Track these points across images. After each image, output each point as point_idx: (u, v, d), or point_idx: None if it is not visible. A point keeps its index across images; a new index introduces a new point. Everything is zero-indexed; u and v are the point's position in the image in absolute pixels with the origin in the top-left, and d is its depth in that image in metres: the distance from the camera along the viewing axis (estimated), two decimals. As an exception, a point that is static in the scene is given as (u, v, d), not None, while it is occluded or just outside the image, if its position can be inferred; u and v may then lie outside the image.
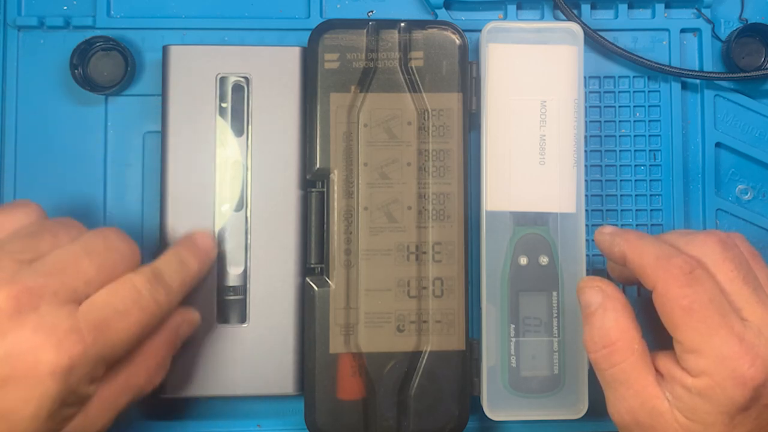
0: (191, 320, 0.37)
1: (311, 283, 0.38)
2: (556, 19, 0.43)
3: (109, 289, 0.32)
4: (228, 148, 0.39)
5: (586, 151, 0.41)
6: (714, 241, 0.33)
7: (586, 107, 0.41)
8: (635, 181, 0.42)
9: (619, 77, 0.43)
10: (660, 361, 0.33)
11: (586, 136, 0.41)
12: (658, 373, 0.33)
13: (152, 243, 0.40)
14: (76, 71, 0.40)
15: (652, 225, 0.42)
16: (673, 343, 0.32)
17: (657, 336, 0.34)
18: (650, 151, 0.42)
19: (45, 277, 0.30)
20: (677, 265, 0.32)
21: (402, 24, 0.39)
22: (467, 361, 0.39)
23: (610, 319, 0.33)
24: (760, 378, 0.30)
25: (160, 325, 0.35)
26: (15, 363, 0.29)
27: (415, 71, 0.39)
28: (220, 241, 0.39)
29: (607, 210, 0.42)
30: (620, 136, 0.42)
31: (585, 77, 0.41)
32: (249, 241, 0.39)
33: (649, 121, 0.42)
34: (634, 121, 0.42)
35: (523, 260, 0.39)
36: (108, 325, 0.31)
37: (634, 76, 0.43)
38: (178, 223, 0.38)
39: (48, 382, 0.29)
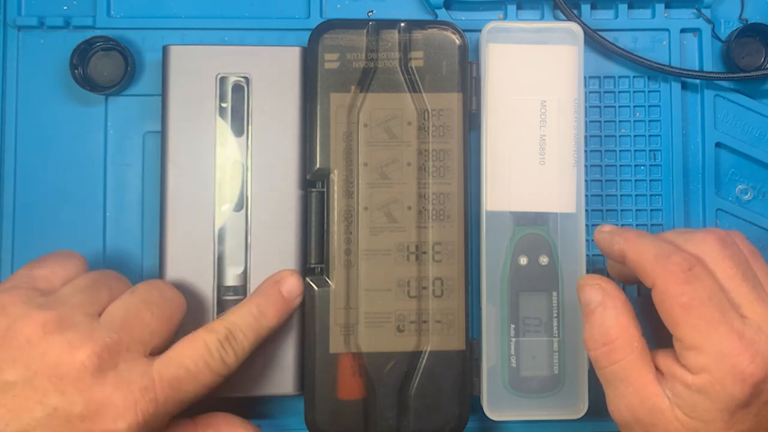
0: None
1: (311, 283, 0.38)
2: (556, 19, 0.43)
3: (183, 347, 0.33)
4: (228, 148, 0.39)
5: (586, 151, 0.42)
6: (713, 239, 0.33)
7: (586, 107, 0.41)
8: (635, 181, 0.42)
9: (619, 77, 0.43)
10: (660, 359, 0.33)
11: (586, 136, 0.41)
12: (658, 370, 0.33)
13: (152, 243, 0.40)
14: (76, 71, 0.40)
15: (652, 225, 0.42)
16: (672, 341, 0.32)
17: (657, 334, 0.34)
18: (650, 151, 0.42)
19: (118, 333, 0.31)
20: (676, 263, 0.32)
21: (402, 24, 0.39)
22: (467, 361, 0.39)
23: (610, 317, 0.33)
24: (760, 374, 0.30)
25: (230, 426, 0.35)
26: (94, 420, 0.30)
27: (415, 71, 0.39)
28: (220, 241, 0.39)
29: (607, 210, 0.42)
30: (620, 136, 0.42)
31: (585, 77, 0.41)
32: (249, 241, 0.39)
33: (649, 121, 0.42)
34: (634, 121, 0.42)
35: (523, 260, 0.39)
36: (179, 384, 0.32)
37: (634, 76, 0.43)
38: (178, 223, 0.38)
39: None
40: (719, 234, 0.34)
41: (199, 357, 0.33)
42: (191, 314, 0.38)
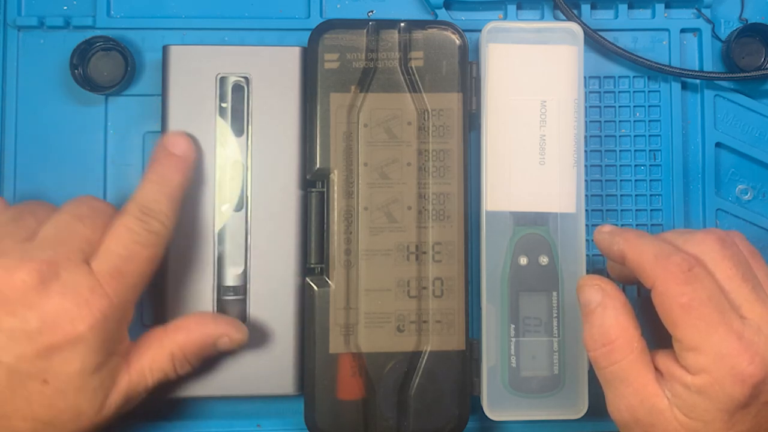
0: (235, 339, 0.36)
1: (311, 283, 0.38)
2: (556, 19, 0.43)
3: (108, 239, 0.34)
4: (228, 148, 0.39)
5: (586, 151, 0.42)
6: (712, 240, 0.33)
7: (586, 107, 0.41)
8: (635, 181, 0.42)
9: (619, 77, 0.43)
10: (659, 359, 0.33)
11: (586, 136, 0.41)
12: (658, 371, 0.33)
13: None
14: (76, 71, 0.40)
15: (652, 225, 0.42)
16: (672, 341, 0.32)
17: (657, 335, 0.34)
18: (650, 151, 0.42)
19: (53, 248, 0.33)
20: (676, 263, 0.32)
21: (402, 24, 0.39)
22: (467, 361, 0.39)
23: (609, 318, 0.33)
24: (759, 375, 0.30)
25: (200, 323, 0.36)
26: (53, 330, 0.31)
27: (415, 71, 0.39)
28: (220, 241, 0.39)
29: (607, 210, 0.42)
30: (620, 136, 0.42)
31: (585, 77, 0.41)
32: (249, 241, 0.39)
33: (649, 121, 0.42)
34: (634, 121, 0.42)
35: (523, 260, 0.39)
36: (120, 271, 0.33)
37: (634, 76, 0.43)
38: (178, 223, 0.38)
39: (87, 338, 0.32)
40: (719, 234, 0.33)
41: (127, 239, 0.34)
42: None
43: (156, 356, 0.35)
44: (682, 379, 0.31)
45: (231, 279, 0.39)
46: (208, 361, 0.38)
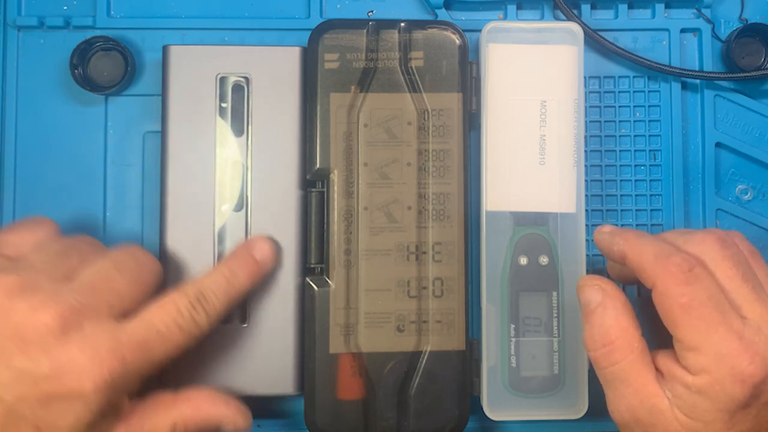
0: (239, 425, 0.36)
1: (311, 283, 0.38)
2: (556, 19, 0.43)
3: (153, 309, 0.33)
4: (228, 148, 0.39)
5: (586, 151, 0.41)
6: (713, 240, 0.33)
7: (586, 107, 0.41)
8: (635, 181, 0.42)
9: (619, 77, 0.43)
10: (660, 359, 0.33)
11: (586, 136, 0.41)
12: (658, 371, 0.33)
13: (152, 243, 0.40)
14: (76, 71, 0.40)
15: (652, 225, 0.42)
16: (672, 341, 0.32)
17: (657, 335, 0.34)
18: (650, 151, 0.42)
19: (85, 296, 0.32)
20: (676, 263, 0.32)
21: (402, 24, 0.39)
22: (467, 361, 0.39)
23: (610, 318, 0.33)
24: (760, 375, 0.30)
25: (211, 402, 0.35)
26: (60, 380, 0.30)
27: (415, 71, 0.39)
28: (220, 241, 0.39)
29: (607, 210, 0.42)
30: (620, 136, 0.42)
31: (585, 77, 0.41)
32: (249, 241, 0.39)
33: (649, 121, 0.42)
34: (634, 121, 0.42)
35: (523, 260, 0.39)
36: (148, 345, 0.33)
37: (634, 76, 0.43)
38: (178, 223, 0.38)
39: (90, 397, 0.31)
40: (719, 234, 0.33)
41: (170, 318, 0.33)
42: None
43: (159, 423, 0.34)
44: (682, 379, 0.31)
45: (231, 279, 0.39)
46: (208, 361, 0.38)
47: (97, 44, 0.41)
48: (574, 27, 0.40)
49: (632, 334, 0.33)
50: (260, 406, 0.41)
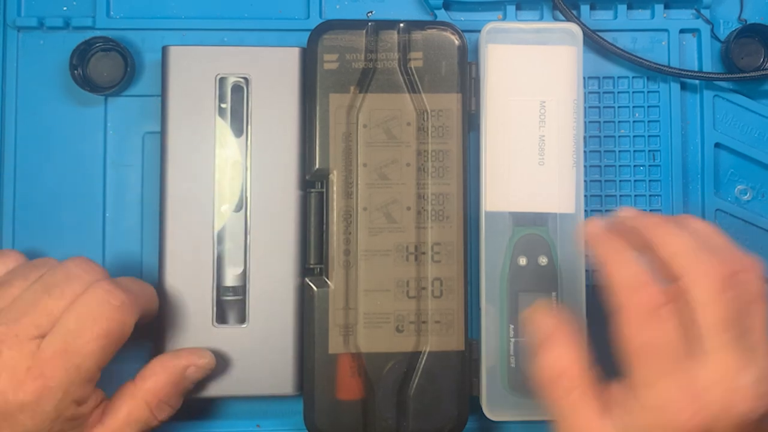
0: (201, 365, 0.37)
1: (310, 283, 0.38)
2: (556, 19, 0.43)
3: (66, 313, 0.33)
4: (227, 148, 0.39)
5: (585, 152, 0.42)
6: (716, 275, 0.30)
7: (585, 108, 0.41)
8: (634, 181, 0.42)
9: (619, 78, 0.43)
10: (612, 386, 0.32)
11: (585, 137, 0.41)
12: (609, 400, 0.31)
13: (152, 243, 0.40)
14: (75, 72, 0.40)
15: (651, 225, 0.42)
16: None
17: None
18: (649, 151, 0.42)
19: (7, 324, 0.33)
20: (644, 300, 0.30)
21: (401, 24, 0.39)
22: (466, 361, 0.39)
23: (558, 350, 0.32)
24: (700, 429, 0.29)
25: (164, 364, 0.36)
26: None
27: (414, 72, 0.39)
28: (219, 241, 0.39)
29: (606, 210, 0.42)
30: (619, 136, 0.42)
31: (584, 78, 0.41)
32: (248, 242, 0.39)
33: (649, 121, 0.42)
34: (634, 122, 0.42)
35: (523, 260, 0.39)
36: (65, 348, 0.33)
37: (633, 77, 0.43)
38: (178, 223, 0.38)
39: (21, 419, 0.32)
40: (727, 270, 0.30)
41: (81, 312, 0.33)
42: (191, 314, 0.38)
43: (132, 409, 0.35)
44: (632, 409, 0.30)
45: (230, 279, 0.39)
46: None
47: (97, 45, 0.41)
48: (574, 27, 0.40)
49: (580, 362, 0.32)
50: (260, 406, 0.41)
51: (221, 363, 0.38)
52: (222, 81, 0.39)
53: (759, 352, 0.30)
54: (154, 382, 0.35)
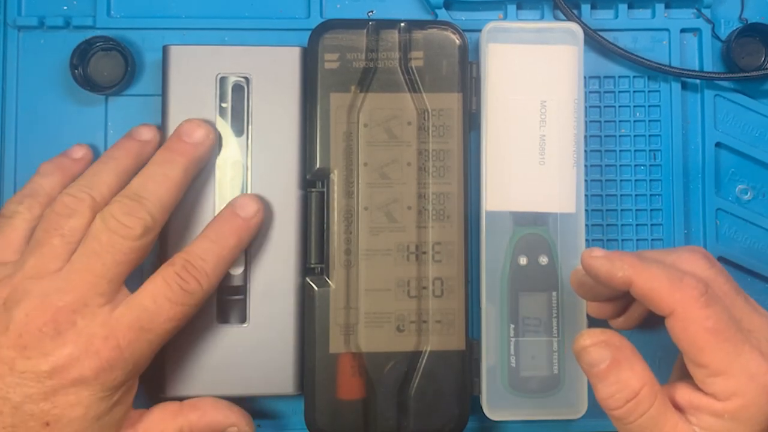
0: (241, 428, 0.37)
1: (311, 283, 0.38)
2: (556, 19, 0.43)
3: (143, 286, 0.34)
4: (228, 148, 0.39)
5: (585, 151, 0.42)
6: (699, 257, 0.33)
7: (585, 107, 0.41)
8: (635, 181, 0.42)
9: (619, 77, 0.43)
10: (678, 393, 0.32)
11: (585, 136, 0.41)
12: (677, 407, 0.31)
13: (152, 243, 0.40)
14: (76, 71, 0.40)
15: (652, 225, 0.42)
16: (691, 370, 0.31)
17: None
18: (650, 151, 0.42)
19: (71, 293, 0.33)
20: (692, 286, 0.30)
21: (402, 24, 0.39)
22: (467, 361, 0.39)
23: (626, 371, 0.31)
24: None
25: (216, 408, 0.36)
26: (61, 375, 0.32)
27: (415, 71, 0.39)
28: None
29: (606, 210, 0.42)
30: (620, 136, 0.42)
31: (585, 77, 0.41)
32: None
33: (649, 121, 0.42)
34: (634, 121, 0.42)
35: (523, 260, 0.39)
36: (140, 324, 0.34)
37: (634, 76, 0.43)
38: (178, 223, 0.38)
39: (91, 384, 0.33)
40: (701, 252, 0.33)
41: (158, 292, 0.34)
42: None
43: (165, 429, 0.35)
44: (710, 408, 0.30)
45: (231, 279, 0.39)
46: (208, 361, 0.38)
47: (97, 44, 0.41)
48: (574, 27, 0.40)
49: (651, 379, 0.31)
50: (260, 406, 0.41)
51: (222, 363, 0.38)
52: (222, 80, 0.39)
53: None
54: (199, 418, 0.36)
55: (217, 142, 0.38)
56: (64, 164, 0.38)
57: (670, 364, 0.36)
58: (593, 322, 0.39)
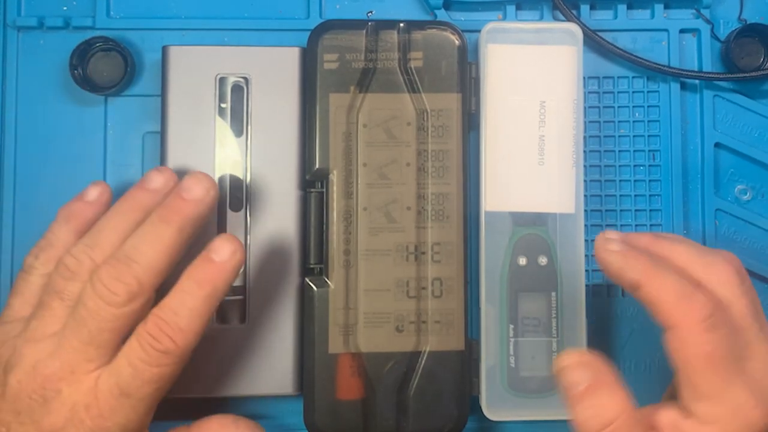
0: None
1: (310, 283, 0.38)
2: (556, 19, 0.43)
3: (122, 349, 0.33)
4: (228, 148, 0.39)
5: (585, 152, 0.42)
6: (732, 271, 0.32)
7: (585, 107, 0.41)
8: (634, 181, 0.42)
9: (618, 77, 0.43)
10: (663, 414, 0.31)
11: (585, 137, 0.41)
12: (655, 429, 0.31)
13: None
14: (75, 72, 0.40)
15: (651, 225, 0.42)
16: (679, 387, 0.31)
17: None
18: (649, 151, 0.42)
19: (64, 356, 0.32)
20: (698, 308, 0.30)
21: (401, 24, 0.39)
22: (466, 361, 0.39)
23: (604, 397, 0.30)
24: (764, 420, 0.30)
25: (222, 425, 0.35)
26: None
27: (414, 72, 0.39)
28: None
29: (606, 210, 0.42)
30: (619, 136, 0.42)
31: (584, 77, 0.41)
32: (248, 241, 0.39)
33: (649, 121, 0.42)
34: (634, 122, 0.42)
35: (522, 260, 0.39)
36: (120, 391, 0.32)
37: (633, 77, 0.43)
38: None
39: None
40: (736, 265, 0.32)
41: (133, 355, 0.32)
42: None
43: None
44: (690, 430, 0.30)
45: (230, 279, 0.39)
46: (208, 361, 0.38)
47: (97, 45, 0.41)
48: (573, 27, 0.40)
49: (629, 408, 0.30)
50: (259, 406, 0.41)
51: (221, 363, 0.38)
52: (222, 81, 0.39)
53: None
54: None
55: (218, 200, 0.36)
56: (78, 210, 0.37)
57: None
58: (593, 323, 0.39)
